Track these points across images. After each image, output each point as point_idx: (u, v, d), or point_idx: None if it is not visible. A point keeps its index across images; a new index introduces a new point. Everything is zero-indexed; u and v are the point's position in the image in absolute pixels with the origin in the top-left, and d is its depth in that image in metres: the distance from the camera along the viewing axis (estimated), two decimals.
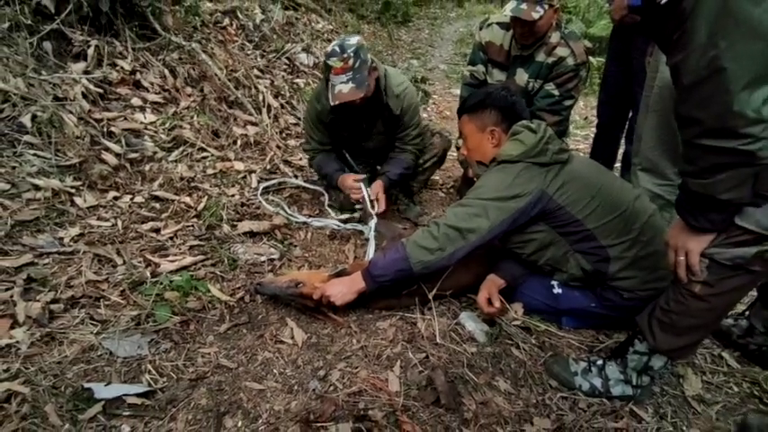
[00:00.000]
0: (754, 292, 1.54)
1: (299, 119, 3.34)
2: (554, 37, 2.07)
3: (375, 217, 1.97)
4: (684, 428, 1.29)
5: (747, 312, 1.58)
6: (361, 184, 2.04)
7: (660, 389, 1.41)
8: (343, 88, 1.83)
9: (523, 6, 1.92)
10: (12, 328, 1.30)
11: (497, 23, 2.20)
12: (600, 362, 1.39)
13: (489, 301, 1.53)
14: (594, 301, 1.51)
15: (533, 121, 1.51)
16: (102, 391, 1.16)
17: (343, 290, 1.50)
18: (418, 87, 5.09)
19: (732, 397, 1.41)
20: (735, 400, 1.40)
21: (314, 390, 1.26)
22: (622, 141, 2.67)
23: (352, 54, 1.82)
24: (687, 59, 0.89)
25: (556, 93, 2.11)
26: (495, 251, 1.65)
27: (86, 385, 1.16)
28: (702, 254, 1.10)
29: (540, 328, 1.58)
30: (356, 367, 1.35)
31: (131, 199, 1.97)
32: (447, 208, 1.75)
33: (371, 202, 2.01)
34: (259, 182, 2.40)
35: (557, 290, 1.55)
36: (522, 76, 2.16)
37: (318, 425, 1.14)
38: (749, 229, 1.03)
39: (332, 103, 1.86)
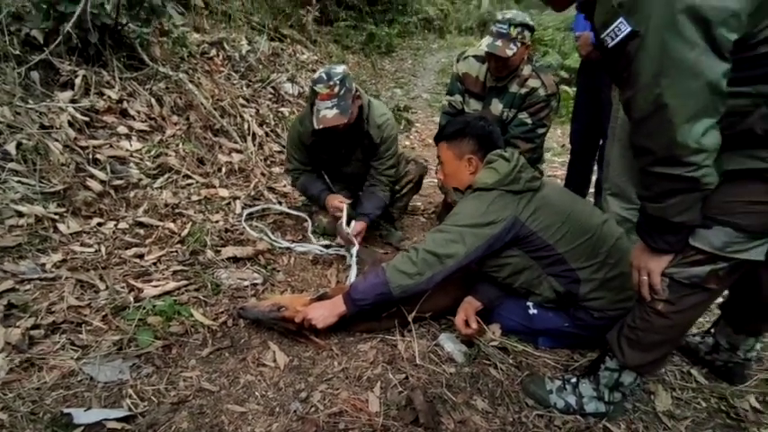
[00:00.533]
0: (718, 310, 1.62)
1: (284, 146, 3.41)
2: (526, 70, 2.20)
3: (356, 244, 2.01)
4: None
5: (713, 330, 1.65)
6: (344, 208, 2.09)
7: (632, 405, 1.46)
8: (328, 113, 1.91)
9: (498, 43, 2.05)
10: None
11: (473, 56, 2.33)
12: (574, 380, 1.43)
13: (467, 323, 1.58)
14: (568, 321, 1.57)
15: (507, 150, 1.60)
16: (82, 416, 1.16)
17: (324, 313, 1.53)
18: (401, 116, 5.24)
19: (700, 412, 1.47)
20: (703, 415, 1.45)
21: (295, 411, 1.28)
22: (595, 168, 2.79)
23: (338, 82, 1.91)
24: (635, 96, 0.98)
25: (529, 121, 2.23)
26: (472, 275, 1.71)
27: (65, 410, 1.17)
28: (663, 273, 1.18)
29: (518, 348, 1.62)
30: (337, 389, 1.37)
31: (115, 225, 1.99)
32: (426, 233, 1.81)
33: (348, 235, 2.05)
34: (243, 208, 2.44)
35: (532, 311, 1.60)
36: (497, 106, 2.28)
37: None
38: (702, 250, 1.11)
39: (316, 127, 1.94)
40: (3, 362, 1.27)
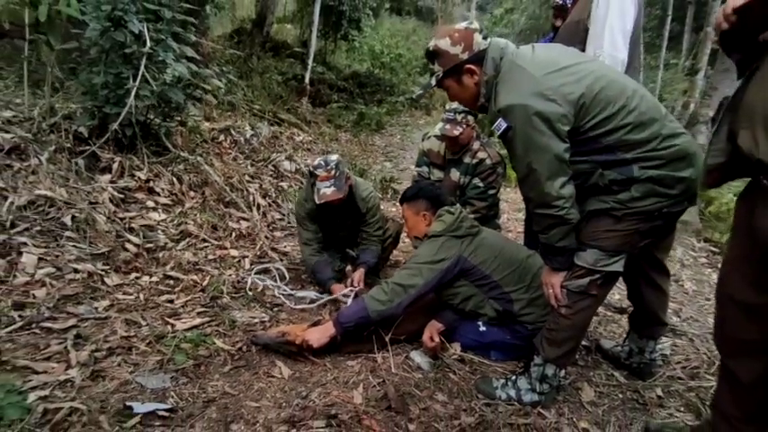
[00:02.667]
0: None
1: (284, 215, 3.95)
2: (475, 145, 2.80)
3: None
4: (576, 421, 1.73)
5: (626, 340, 2.09)
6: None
7: (563, 398, 1.86)
8: (327, 191, 2.45)
9: (448, 127, 2.67)
10: (67, 369, 1.71)
11: (434, 136, 2.95)
12: (513, 377, 1.85)
13: (432, 339, 2.01)
14: (509, 334, 2.01)
15: (453, 206, 2.13)
16: (140, 407, 1.56)
17: (318, 335, 1.96)
18: (389, 186, 5.84)
19: (615, 401, 1.88)
20: (617, 403, 1.87)
21: (297, 404, 1.68)
22: None
23: (334, 167, 2.49)
24: (517, 164, 1.53)
25: (481, 185, 2.79)
26: (435, 304, 2.16)
27: (128, 403, 1.57)
28: (561, 286, 1.66)
29: (474, 360, 2.04)
30: (330, 390, 1.78)
31: (149, 278, 2.45)
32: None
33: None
34: (252, 264, 2.92)
35: (482, 328, 2.05)
36: (455, 174, 2.85)
37: (301, 424, 1.56)
38: (582, 266, 1.60)
39: (317, 202, 2.48)
40: (77, 374, 1.69)
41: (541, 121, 1.44)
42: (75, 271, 2.31)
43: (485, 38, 1.63)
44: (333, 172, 2.48)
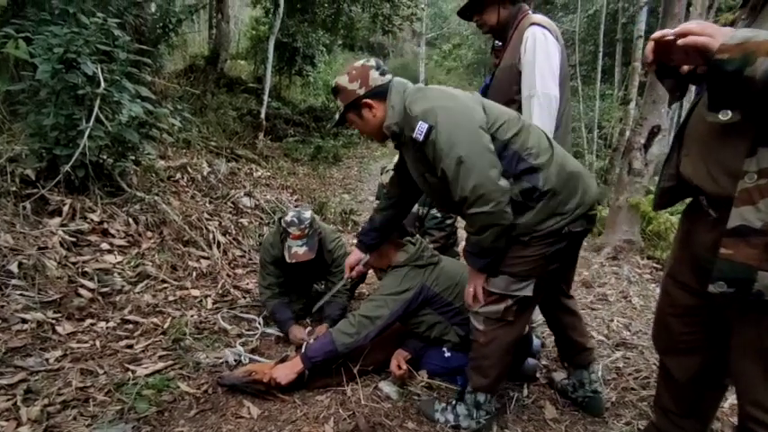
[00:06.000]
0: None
1: (245, 251, 3.91)
2: None
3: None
4: None
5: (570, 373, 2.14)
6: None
7: (527, 416, 1.93)
8: (299, 250, 2.45)
9: None
10: (17, 427, 1.62)
11: (392, 170, 3.05)
12: (453, 402, 1.88)
13: (399, 367, 2.05)
14: None
15: (414, 238, 2.21)
16: None
17: (285, 372, 1.95)
18: (349, 218, 5.90)
19: (576, 416, 1.97)
20: (578, 417, 1.96)
21: None
22: None
23: (307, 225, 2.48)
24: (444, 163, 1.51)
25: (438, 215, 2.90)
26: (401, 333, 2.21)
27: None
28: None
29: (441, 386, 2.09)
30: (300, 426, 1.77)
31: (106, 324, 2.35)
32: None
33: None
34: (214, 304, 2.86)
35: (447, 354, 2.11)
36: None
37: None
38: (495, 292, 1.65)
39: (288, 261, 2.45)
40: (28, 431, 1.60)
41: (462, 116, 1.53)
42: (23, 321, 2.19)
43: (382, 74, 1.72)
44: (306, 231, 2.46)
